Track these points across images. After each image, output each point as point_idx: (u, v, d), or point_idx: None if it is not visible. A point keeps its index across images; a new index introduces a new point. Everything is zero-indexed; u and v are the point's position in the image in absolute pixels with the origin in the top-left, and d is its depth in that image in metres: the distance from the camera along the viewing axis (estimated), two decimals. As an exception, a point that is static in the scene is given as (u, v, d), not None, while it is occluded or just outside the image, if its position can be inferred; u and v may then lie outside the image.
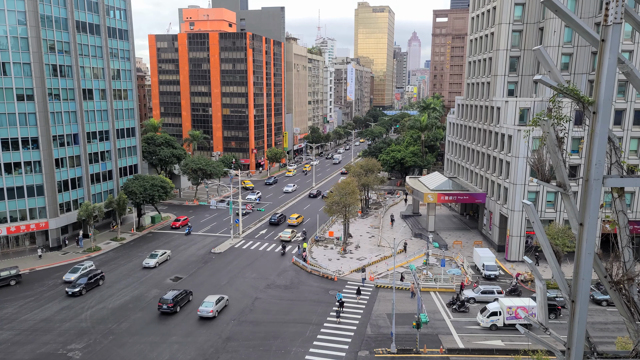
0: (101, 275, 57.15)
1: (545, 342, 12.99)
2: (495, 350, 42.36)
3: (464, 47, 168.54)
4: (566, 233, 54.00)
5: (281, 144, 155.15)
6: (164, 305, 48.54)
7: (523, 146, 60.84)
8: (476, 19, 79.98)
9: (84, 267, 59.07)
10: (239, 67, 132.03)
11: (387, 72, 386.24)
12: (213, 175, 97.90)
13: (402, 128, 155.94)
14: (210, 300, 48.70)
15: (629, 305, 11.62)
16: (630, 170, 12.49)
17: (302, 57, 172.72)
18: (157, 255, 63.82)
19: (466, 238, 74.85)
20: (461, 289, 54.44)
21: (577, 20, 9.87)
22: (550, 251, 11.74)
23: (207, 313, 47.52)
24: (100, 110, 75.78)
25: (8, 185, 64.15)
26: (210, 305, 48.02)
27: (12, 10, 62.39)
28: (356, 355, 41.79)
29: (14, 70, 63.12)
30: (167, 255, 65.69)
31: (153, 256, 63.81)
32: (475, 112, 79.58)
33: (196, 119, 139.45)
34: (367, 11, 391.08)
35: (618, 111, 62.68)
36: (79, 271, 57.92)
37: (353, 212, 71.15)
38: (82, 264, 59.58)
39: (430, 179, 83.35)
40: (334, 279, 59.17)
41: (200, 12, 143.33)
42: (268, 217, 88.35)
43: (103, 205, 73.82)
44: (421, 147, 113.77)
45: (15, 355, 40.99)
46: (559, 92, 10.68)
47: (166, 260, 64.93)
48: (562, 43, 64.61)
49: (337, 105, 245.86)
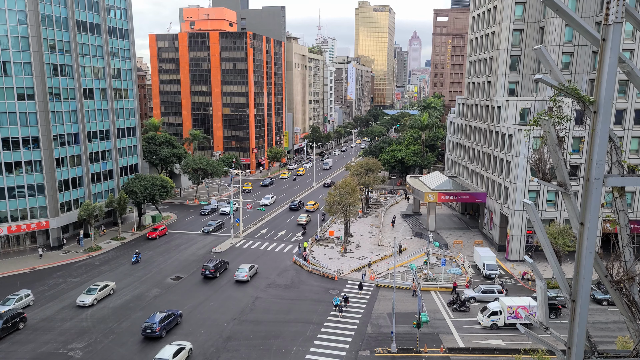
0: (22, 317, 45.33)
1: (545, 342, 12.98)
2: (496, 350, 42.36)
3: (464, 46, 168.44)
4: (567, 232, 53.98)
5: (282, 143, 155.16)
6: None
7: (524, 145, 60.82)
8: (477, 18, 79.93)
9: (18, 296, 49.32)
10: (240, 67, 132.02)
11: (388, 71, 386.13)
12: (213, 174, 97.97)
13: (403, 127, 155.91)
14: (245, 267, 58.43)
15: (630, 305, 11.61)
16: (631, 170, 12.49)
17: (302, 56, 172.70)
18: (95, 290, 51.07)
19: (467, 237, 74.85)
20: (453, 289, 54.45)
21: (577, 19, 9.86)
22: (551, 250, 11.73)
23: (242, 277, 56.86)
24: (100, 109, 75.81)
25: (9, 185, 64.20)
26: (244, 271, 57.55)
27: (13, 10, 62.41)
28: (357, 355, 41.80)
29: (15, 70, 63.14)
30: (111, 288, 53.03)
31: (91, 291, 51.01)
32: (475, 112, 79.54)
33: (197, 119, 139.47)
34: (368, 10, 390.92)
35: (619, 110, 62.63)
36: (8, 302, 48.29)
37: (353, 212, 71.19)
38: (17, 294, 49.82)
39: (431, 178, 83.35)
40: (334, 278, 59.19)
41: (201, 12, 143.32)
42: (268, 217, 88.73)
43: (104, 204, 73.86)
44: (422, 146, 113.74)
45: (16, 354, 41.03)
46: (560, 91, 10.67)
47: (109, 295, 52.67)
48: (562, 42, 64.55)
49: (337, 105, 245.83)
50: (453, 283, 55.36)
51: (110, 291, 53.28)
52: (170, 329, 44.77)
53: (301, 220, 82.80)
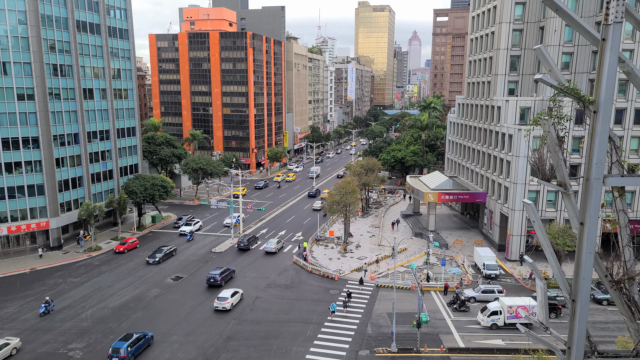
0: None
1: (545, 342, 12.98)
2: (496, 350, 42.35)
3: (464, 46, 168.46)
4: (567, 232, 53.98)
5: (281, 143, 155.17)
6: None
7: (523, 145, 60.82)
8: (477, 18, 79.92)
9: None
10: (240, 67, 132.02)
11: (388, 71, 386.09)
12: (213, 174, 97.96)
13: (403, 127, 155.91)
14: (273, 240, 69.37)
15: (630, 305, 11.61)
16: (631, 170, 12.49)
17: (302, 56, 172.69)
18: None
19: (467, 237, 74.84)
20: (445, 290, 54.28)
21: (577, 19, 9.86)
22: (551, 250, 11.74)
23: (271, 249, 67.61)
24: (100, 109, 75.80)
25: (9, 185, 64.19)
26: (273, 244, 68.22)
27: (13, 10, 62.39)
28: (357, 355, 41.80)
29: (15, 70, 63.13)
30: (13, 347, 40.36)
31: None
32: (475, 112, 79.54)
33: (196, 119, 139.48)
34: (368, 10, 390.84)
35: (619, 110, 62.63)
36: None
37: (353, 212, 71.19)
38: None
39: (431, 178, 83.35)
40: (334, 278, 59.18)
41: (201, 12, 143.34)
42: (269, 216, 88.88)
43: (104, 204, 73.86)
44: (422, 146, 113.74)
45: (16, 354, 40.99)
46: (560, 91, 10.67)
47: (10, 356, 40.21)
48: (562, 42, 64.55)
49: (337, 105, 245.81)
50: (444, 284, 55.25)
51: (13, 351, 40.60)
52: (228, 280, 57.52)
53: None
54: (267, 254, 67.87)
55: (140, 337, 41.24)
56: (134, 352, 39.90)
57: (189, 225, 78.78)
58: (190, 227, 77.95)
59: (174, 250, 67.54)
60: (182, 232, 76.64)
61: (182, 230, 76.69)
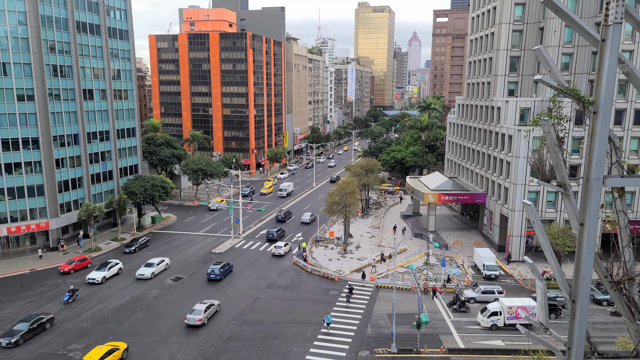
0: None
1: (545, 342, 12.98)
2: (496, 350, 42.35)
3: (464, 47, 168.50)
4: (567, 233, 53.99)
5: (281, 144, 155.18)
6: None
7: (523, 146, 60.84)
8: (476, 19, 79.97)
9: None
10: (239, 67, 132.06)
11: (388, 72, 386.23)
12: (213, 175, 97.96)
13: (403, 128, 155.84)
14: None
15: (630, 305, 11.61)
16: (631, 170, 12.50)
17: (302, 57, 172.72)
18: None
19: (466, 238, 74.84)
20: (433, 294, 53.84)
21: (577, 20, 9.87)
22: (551, 251, 11.74)
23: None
24: (100, 110, 75.79)
25: (8, 186, 64.16)
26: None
27: (13, 11, 62.40)
28: (357, 355, 41.78)
29: (15, 71, 63.13)
30: None
31: None
32: (475, 112, 79.57)
33: (196, 119, 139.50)
34: (367, 11, 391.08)
35: (618, 111, 62.66)
36: None
37: (353, 212, 71.18)
38: None
39: (431, 179, 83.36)
40: (334, 279, 59.16)
41: (201, 12, 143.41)
42: (268, 217, 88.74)
43: (103, 205, 73.85)
44: (421, 147, 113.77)
45: (16, 355, 40.99)
46: (560, 92, 10.68)
47: None
48: (562, 43, 64.60)
49: (337, 105, 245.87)
50: (433, 287, 54.46)
51: None
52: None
53: None
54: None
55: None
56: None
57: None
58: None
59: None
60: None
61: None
